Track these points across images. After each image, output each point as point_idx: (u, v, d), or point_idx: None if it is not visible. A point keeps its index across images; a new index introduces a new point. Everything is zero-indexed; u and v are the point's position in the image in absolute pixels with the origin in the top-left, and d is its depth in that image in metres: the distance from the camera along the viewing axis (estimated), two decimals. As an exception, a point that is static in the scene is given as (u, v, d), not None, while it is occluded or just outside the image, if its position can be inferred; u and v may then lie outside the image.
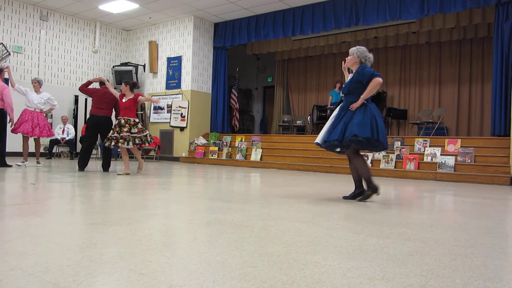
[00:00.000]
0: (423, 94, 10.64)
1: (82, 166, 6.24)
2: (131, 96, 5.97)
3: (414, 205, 3.94)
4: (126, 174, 5.90)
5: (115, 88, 11.94)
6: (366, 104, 3.67)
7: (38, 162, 7.11)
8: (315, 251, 1.87)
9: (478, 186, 5.87)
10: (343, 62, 3.95)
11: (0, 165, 6.48)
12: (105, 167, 6.40)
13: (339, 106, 3.85)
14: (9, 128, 6.71)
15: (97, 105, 6.29)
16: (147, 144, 5.98)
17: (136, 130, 5.86)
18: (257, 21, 10.35)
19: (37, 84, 6.99)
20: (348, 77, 3.93)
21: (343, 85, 3.94)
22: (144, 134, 5.97)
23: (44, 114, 7.15)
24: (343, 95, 3.91)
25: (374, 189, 3.71)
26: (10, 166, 6.60)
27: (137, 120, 6.03)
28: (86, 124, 6.40)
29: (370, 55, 3.82)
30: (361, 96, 3.65)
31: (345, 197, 3.93)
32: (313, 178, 6.51)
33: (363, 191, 3.83)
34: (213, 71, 11.36)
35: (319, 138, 3.81)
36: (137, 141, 5.84)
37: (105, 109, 6.32)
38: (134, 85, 6.13)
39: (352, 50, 3.83)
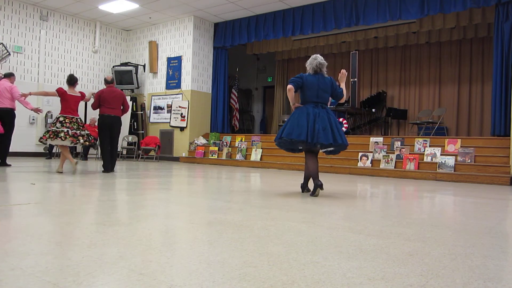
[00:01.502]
0: (423, 94, 10.64)
1: (107, 168, 6.21)
2: (73, 92, 5.96)
3: (414, 205, 3.94)
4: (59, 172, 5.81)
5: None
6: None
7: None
8: (315, 251, 1.87)
9: (478, 186, 5.87)
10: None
11: (1, 165, 6.52)
12: (111, 167, 6.33)
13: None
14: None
15: (107, 105, 6.18)
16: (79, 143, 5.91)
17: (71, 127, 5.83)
18: (257, 21, 10.34)
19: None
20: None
21: None
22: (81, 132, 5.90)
23: None
24: None
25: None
26: (10, 165, 6.63)
27: (69, 116, 5.88)
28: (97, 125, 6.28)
29: (313, 63, 4.13)
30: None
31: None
32: (313, 178, 6.50)
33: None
34: (213, 71, 11.35)
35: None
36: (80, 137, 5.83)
37: (115, 108, 6.23)
38: (70, 80, 6.00)
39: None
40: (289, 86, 3.98)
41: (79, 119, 5.97)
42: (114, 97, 6.23)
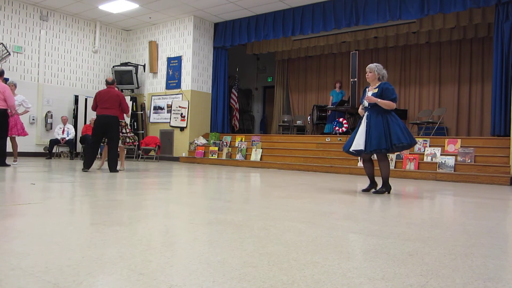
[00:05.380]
0: (423, 94, 10.63)
1: (87, 166, 6.17)
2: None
3: (414, 205, 3.94)
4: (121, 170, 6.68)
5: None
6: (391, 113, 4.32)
7: (14, 161, 7.17)
8: (315, 251, 1.87)
9: (478, 186, 5.87)
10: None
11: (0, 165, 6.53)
12: (111, 168, 6.30)
13: (365, 116, 4.33)
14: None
15: (101, 105, 6.25)
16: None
17: (126, 130, 6.77)
18: (257, 21, 10.34)
19: (13, 87, 7.27)
20: (369, 91, 4.39)
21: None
22: (131, 134, 6.85)
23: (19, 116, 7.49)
24: (368, 106, 4.33)
25: (388, 189, 4.39)
26: (9, 165, 6.63)
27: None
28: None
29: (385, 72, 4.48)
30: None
31: (364, 190, 4.52)
32: (313, 178, 6.51)
33: (376, 185, 4.48)
34: (213, 71, 11.35)
35: (358, 146, 4.26)
36: (127, 140, 6.77)
37: (109, 108, 6.24)
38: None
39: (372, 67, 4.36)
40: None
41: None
42: (110, 97, 6.23)
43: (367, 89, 4.48)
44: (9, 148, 6.98)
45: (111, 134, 6.29)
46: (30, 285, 1.32)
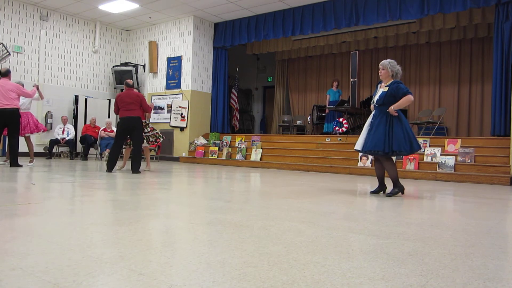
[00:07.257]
0: (423, 94, 10.64)
1: (110, 167, 6.25)
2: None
3: (414, 205, 3.93)
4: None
5: (114, 88, 11.96)
6: (400, 116, 4.17)
7: (31, 161, 7.17)
8: (315, 251, 1.87)
9: (478, 186, 5.87)
10: None
11: (12, 165, 6.55)
12: (134, 168, 6.32)
13: (372, 114, 4.26)
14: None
15: (123, 107, 6.30)
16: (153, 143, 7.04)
17: (148, 129, 6.86)
18: (257, 21, 10.34)
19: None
20: (380, 88, 4.28)
21: (378, 97, 4.21)
22: (153, 133, 6.95)
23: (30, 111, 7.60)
24: (376, 104, 4.24)
25: (401, 189, 4.23)
26: (21, 166, 6.64)
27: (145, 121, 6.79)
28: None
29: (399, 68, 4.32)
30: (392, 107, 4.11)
31: (372, 192, 4.41)
32: (313, 178, 6.51)
33: (385, 188, 4.37)
34: (213, 71, 11.35)
35: (358, 146, 4.25)
36: (151, 139, 6.87)
37: (132, 109, 6.27)
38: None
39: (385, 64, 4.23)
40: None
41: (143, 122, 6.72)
42: (131, 99, 6.29)
43: (379, 85, 4.36)
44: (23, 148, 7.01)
45: (135, 135, 6.29)
46: (30, 285, 1.32)
